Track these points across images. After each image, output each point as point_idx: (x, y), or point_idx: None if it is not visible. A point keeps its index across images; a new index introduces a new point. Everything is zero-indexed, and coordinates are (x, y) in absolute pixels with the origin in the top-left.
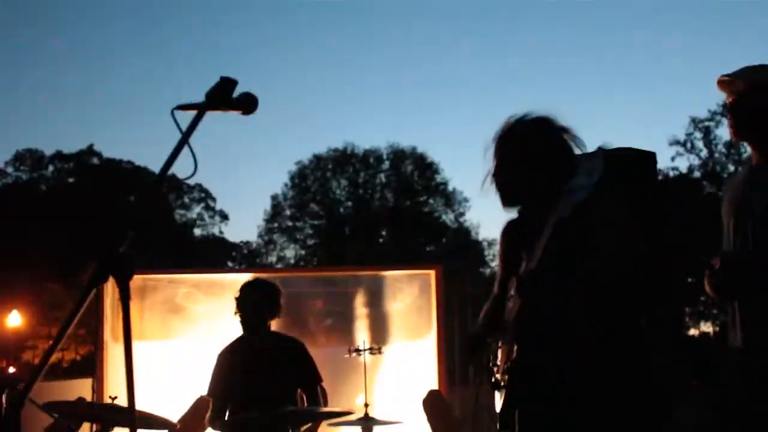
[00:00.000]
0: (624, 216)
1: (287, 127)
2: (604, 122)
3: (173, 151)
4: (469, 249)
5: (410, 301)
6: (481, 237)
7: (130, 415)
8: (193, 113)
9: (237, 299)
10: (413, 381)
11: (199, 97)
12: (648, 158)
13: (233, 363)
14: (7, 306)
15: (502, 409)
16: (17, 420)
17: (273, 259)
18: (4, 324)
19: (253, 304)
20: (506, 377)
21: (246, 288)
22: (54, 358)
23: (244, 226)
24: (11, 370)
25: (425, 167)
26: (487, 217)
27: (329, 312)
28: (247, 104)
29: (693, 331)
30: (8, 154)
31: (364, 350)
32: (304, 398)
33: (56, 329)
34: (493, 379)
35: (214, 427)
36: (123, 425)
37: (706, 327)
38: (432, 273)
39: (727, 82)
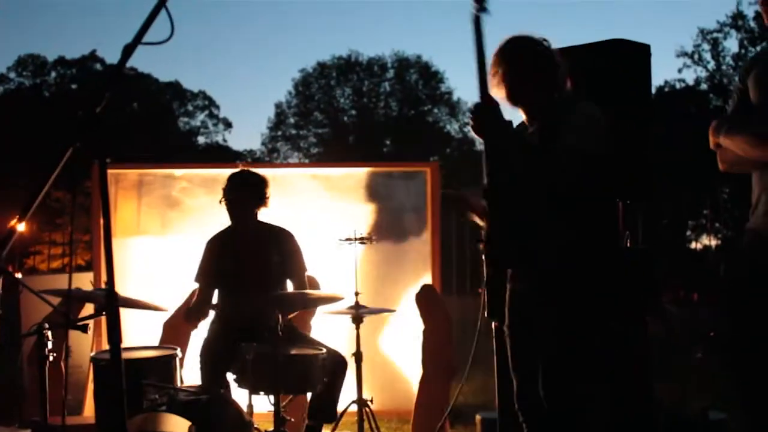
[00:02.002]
0: (591, 116)
1: (291, 34)
2: (611, 31)
3: (150, 14)
4: (473, 159)
5: (405, 197)
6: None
7: (109, 289)
8: None
9: (224, 189)
10: (407, 275)
11: None
12: (642, 51)
13: (220, 250)
14: (11, 212)
15: (488, 300)
16: (17, 306)
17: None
18: (5, 226)
19: (238, 193)
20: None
21: (233, 178)
22: (58, 263)
23: (247, 134)
24: (18, 275)
25: (430, 76)
26: None
27: (323, 207)
28: None
29: (695, 245)
30: (10, 60)
31: (355, 239)
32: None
33: (59, 235)
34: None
35: (193, 315)
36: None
37: (709, 241)
38: (428, 170)
39: None
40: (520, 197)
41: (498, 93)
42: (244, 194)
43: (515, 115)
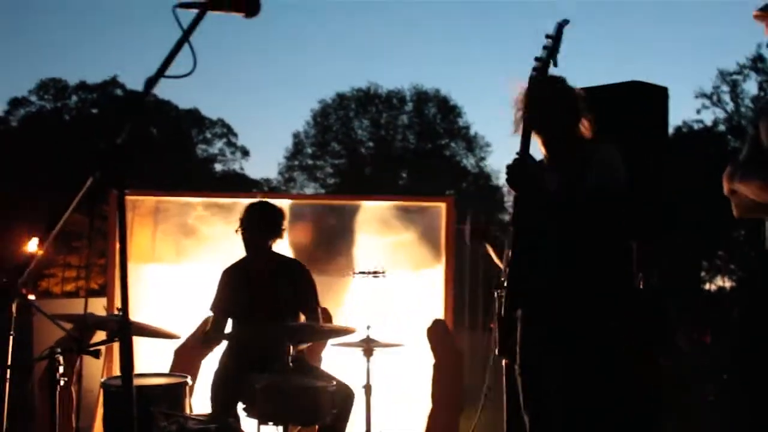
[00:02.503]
0: (615, 156)
1: (311, 65)
2: (632, 70)
3: (173, 49)
4: (489, 194)
5: (420, 232)
6: (501, 182)
7: (124, 314)
8: (194, 12)
9: (241, 219)
10: (419, 310)
11: None
12: (659, 93)
13: (236, 281)
14: (27, 234)
15: (499, 337)
16: (30, 328)
17: None
18: (24, 251)
19: (256, 224)
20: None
21: (251, 209)
22: (72, 286)
23: (265, 162)
24: (31, 297)
25: (448, 110)
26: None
27: (338, 239)
28: (250, 6)
29: (709, 286)
30: (32, 83)
31: (368, 273)
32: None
33: (74, 258)
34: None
35: (209, 341)
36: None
37: (723, 282)
38: (443, 205)
39: (762, 16)
40: (544, 243)
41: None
42: (262, 226)
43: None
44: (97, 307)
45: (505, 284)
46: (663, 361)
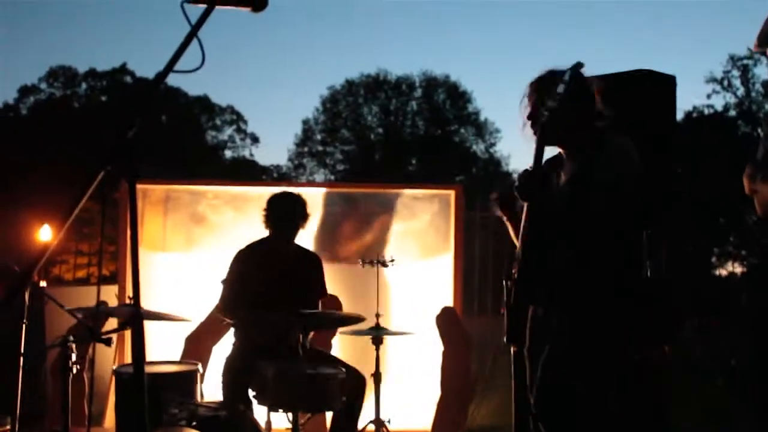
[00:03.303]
0: (626, 151)
1: (320, 51)
2: (642, 57)
3: (182, 44)
4: (498, 180)
5: (429, 219)
6: (511, 168)
7: (135, 303)
8: (203, 7)
9: (268, 210)
10: (429, 298)
11: None
12: (667, 82)
13: (252, 262)
14: (39, 220)
15: (508, 325)
16: (42, 316)
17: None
18: (36, 240)
19: (289, 211)
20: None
21: (277, 199)
22: (83, 272)
23: (274, 149)
24: (43, 284)
25: (458, 96)
26: (518, 148)
27: (347, 227)
28: (257, 0)
29: (721, 271)
30: (42, 71)
31: (377, 262)
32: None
33: (86, 245)
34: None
35: (225, 315)
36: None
37: (735, 267)
38: (452, 193)
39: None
40: (554, 241)
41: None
42: (295, 213)
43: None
44: (109, 294)
45: (516, 275)
46: (668, 349)
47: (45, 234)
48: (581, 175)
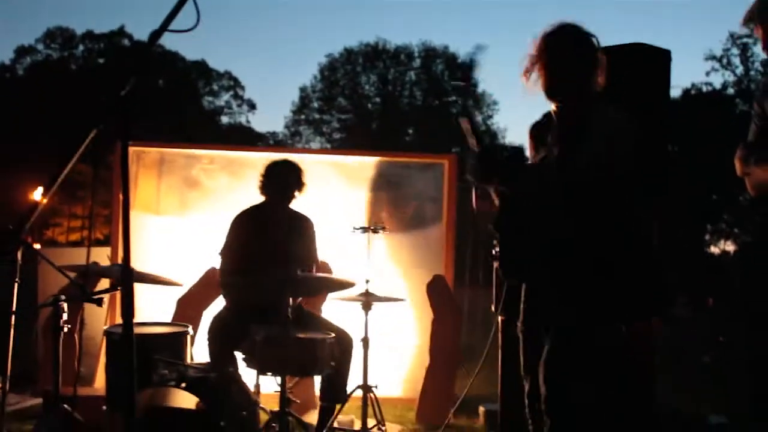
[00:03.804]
0: (620, 125)
1: (320, 19)
2: (642, 33)
3: (177, 3)
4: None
5: (422, 188)
6: (507, 141)
7: (124, 264)
8: None
9: (268, 174)
10: (420, 266)
11: None
12: (662, 55)
13: (248, 227)
14: (36, 182)
15: (496, 297)
16: (35, 276)
17: None
18: (30, 200)
19: (286, 177)
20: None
21: (274, 167)
22: (77, 236)
23: (271, 116)
24: (37, 246)
25: (456, 67)
26: (515, 121)
27: (340, 194)
28: None
29: (714, 249)
30: (39, 32)
31: (368, 228)
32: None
33: (79, 208)
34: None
35: (227, 285)
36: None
37: (727, 246)
38: (446, 162)
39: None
40: (535, 213)
41: (533, 80)
42: (291, 179)
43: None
44: (102, 256)
45: (497, 253)
46: (655, 324)
47: (38, 196)
48: (571, 143)
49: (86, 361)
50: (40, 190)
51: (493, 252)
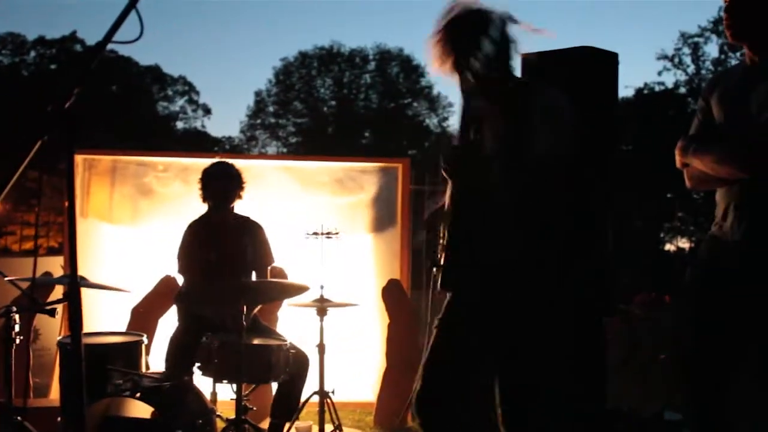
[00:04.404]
0: (562, 107)
1: (273, 23)
2: (591, 32)
3: (120, 14)
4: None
5: (376, 192)
6: None
7: (71, 275)
8: None
9: (203, 181)
10: (375, 270)
11: None
12: (610, 59)
13: (195, 236)
14: None
15: (442, 274)
16: None
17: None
18: None
19: (222, 183)
20: (443, 255)
21: (216, 167)
22: (31, 245)
23: (226, 121)
24: None
25: (411, 69)
26: None
27: (294, 200)
28: None
29: (669, 247)
30: None
31: (322, 234)
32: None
33: (33, 216)
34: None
35: (183, 300)
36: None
37: (683, 243)
38: (399, 166)
39: None
40: (483, 214)
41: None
42: (228, 184)
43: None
44: (55, 265)
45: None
46: (615, 322)
47: None
48: (510, 127)
49: (42, 372)
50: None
51: (437, 260)
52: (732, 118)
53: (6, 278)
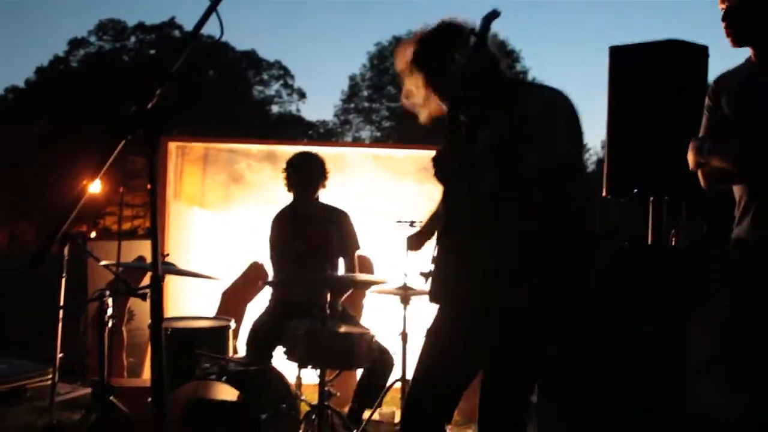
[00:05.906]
0: (555, 114)
1: (369, 8)
2: (682, 26)
3: (202, 17)
4: None
5: None
6: None
7: (153, 261)
8: None
9: (287, 171)
10: None
11: None
12: (699, 52)
13: (282, 226)
14: (88, 175)
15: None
16: (84, 269)
17: (348, 139)
18: (80, 192)
19: (305, 172)
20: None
21: (298, 158)
22: (129, 225)
23: (321, 105)
24: (92, 234)
25: (506, 54)
26: None
27: (384, 188)
28: None
29: None
30: (91, 23)
31: (406, 223)
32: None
33: (132, 198)
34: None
35: (274, 285)
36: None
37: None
38: None
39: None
40: (475, 221)
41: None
42: (311, 174)
43: None
44: (147, 248)
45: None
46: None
47: (94, 186)
48: (504, 139)
49: (137, 352)
50: (97, 183)
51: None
52: (743, 115)
53: (100, 263)
